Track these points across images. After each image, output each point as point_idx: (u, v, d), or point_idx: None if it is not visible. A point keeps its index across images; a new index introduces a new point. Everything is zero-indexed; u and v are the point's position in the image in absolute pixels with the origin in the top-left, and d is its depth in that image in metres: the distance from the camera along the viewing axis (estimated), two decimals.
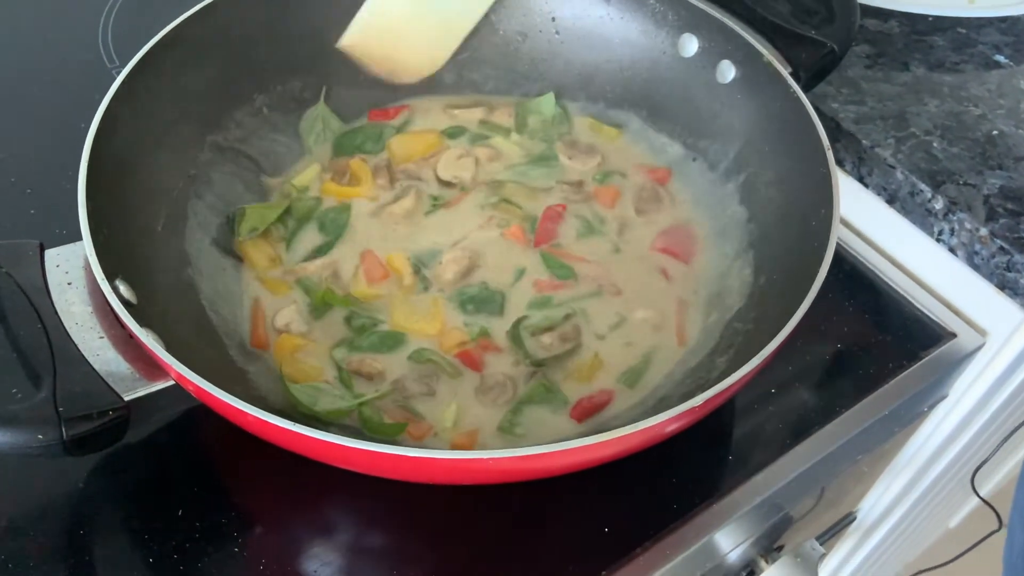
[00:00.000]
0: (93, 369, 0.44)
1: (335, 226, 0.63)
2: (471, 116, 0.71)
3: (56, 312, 0.46)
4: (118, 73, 0.55)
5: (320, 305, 0.58)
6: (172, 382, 0.46)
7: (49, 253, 0.49)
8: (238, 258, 0.60)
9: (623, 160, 0.69)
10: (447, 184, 0.66)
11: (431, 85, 0.72)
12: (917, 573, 1.26)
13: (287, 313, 0.57)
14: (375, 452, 0.40)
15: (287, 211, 0.63)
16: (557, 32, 0.71)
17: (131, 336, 0.43)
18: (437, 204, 0.65)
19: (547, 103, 0.71)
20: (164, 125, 0.58)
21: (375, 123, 0.70)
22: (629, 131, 0.70)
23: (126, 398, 0.44)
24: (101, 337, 0.47)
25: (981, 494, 0.83)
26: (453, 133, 0.70)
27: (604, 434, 0.41)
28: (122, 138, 0.54)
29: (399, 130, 0.70)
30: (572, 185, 0.67)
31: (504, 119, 0.71)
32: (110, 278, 0.45)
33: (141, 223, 0.54)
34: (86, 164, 0.50)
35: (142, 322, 0.44)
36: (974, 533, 1.12)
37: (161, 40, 0.58)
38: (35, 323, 0.45)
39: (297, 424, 0.40)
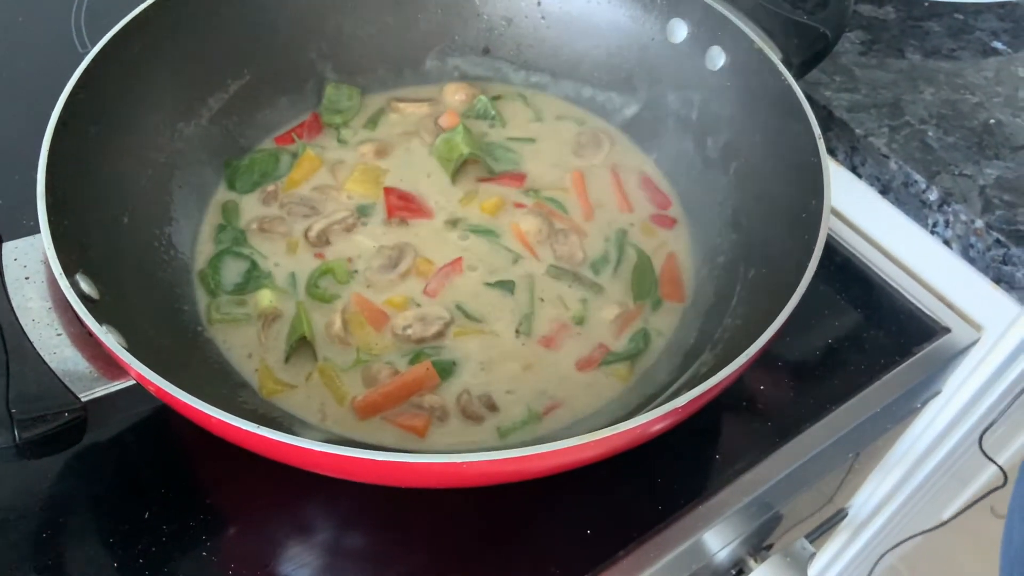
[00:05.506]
0: (49, 368, 0.43)
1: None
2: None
3: (12, 308, 0.44)
4: None
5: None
6: (133, 381, 0.44)
7: (7, 246, 0.48)
8: None
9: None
10: None
11: (416, 73, 0.71)
12: (909, 537, 1.23)
13: None
14: (343, 456, 0.38)
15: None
16: (543, 17, 0.69)
17: (90, 333, 0.42)
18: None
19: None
20: (132, 111, 0.56)
21: (271, 150, 0.65)
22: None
23: (84, 398, 0.43)
24: (59, 334, 0.45)
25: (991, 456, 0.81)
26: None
27: (588, 435, 0.40)
28: (87, 125, 0.52)
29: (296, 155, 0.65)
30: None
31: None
32: (70, 272, 0.44)
33: (107, 214, 0.53)
34: (46, 152, 0.48)
35: (102, 319, 0.42)
36: (969, 527, 1.11)
37: (128, 24, 0.56)
38: None
39: (263, 427, 0.39)
